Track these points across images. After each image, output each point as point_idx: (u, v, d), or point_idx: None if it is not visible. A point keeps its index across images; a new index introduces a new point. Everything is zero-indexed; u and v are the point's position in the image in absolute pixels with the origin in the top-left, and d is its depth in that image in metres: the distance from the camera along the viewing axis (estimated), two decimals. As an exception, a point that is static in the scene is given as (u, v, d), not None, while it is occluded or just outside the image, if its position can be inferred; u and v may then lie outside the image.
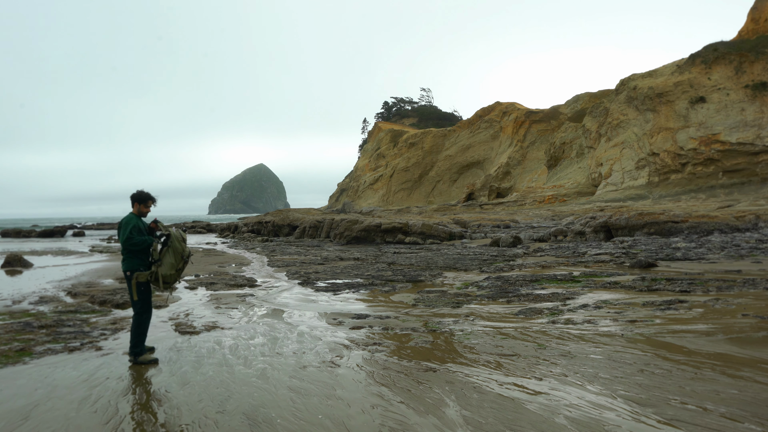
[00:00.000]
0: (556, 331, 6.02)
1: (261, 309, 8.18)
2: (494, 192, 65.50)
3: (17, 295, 9.66)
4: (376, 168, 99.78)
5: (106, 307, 8.56)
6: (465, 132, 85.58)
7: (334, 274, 12.54)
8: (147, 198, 5.62)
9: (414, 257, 15.70)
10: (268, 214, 41.12)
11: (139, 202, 5.59)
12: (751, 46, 39.52)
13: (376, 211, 56.89)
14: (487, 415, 3.68)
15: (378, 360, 5.13)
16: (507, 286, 9.52)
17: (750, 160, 35.37)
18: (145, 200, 5.61)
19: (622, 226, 18.86)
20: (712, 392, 3.91)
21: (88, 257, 19.78)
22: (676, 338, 5.41)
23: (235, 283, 11.20)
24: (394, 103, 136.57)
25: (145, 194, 5.62)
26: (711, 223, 18.22)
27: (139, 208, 5.58)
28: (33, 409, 4.04)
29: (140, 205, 5.59)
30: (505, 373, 4.60)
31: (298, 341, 5.99)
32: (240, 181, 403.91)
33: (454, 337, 5.90)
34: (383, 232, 23.71)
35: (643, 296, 7.88)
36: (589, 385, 4.19)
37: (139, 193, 5.60)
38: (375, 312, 7.65)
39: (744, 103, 37.08)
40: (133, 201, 5.60)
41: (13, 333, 6.47)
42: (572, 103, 70.93)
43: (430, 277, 11.26)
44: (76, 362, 5.31)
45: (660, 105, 40.72)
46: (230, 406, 3.99)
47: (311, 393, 4.22)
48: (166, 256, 5.40)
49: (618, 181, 42.89)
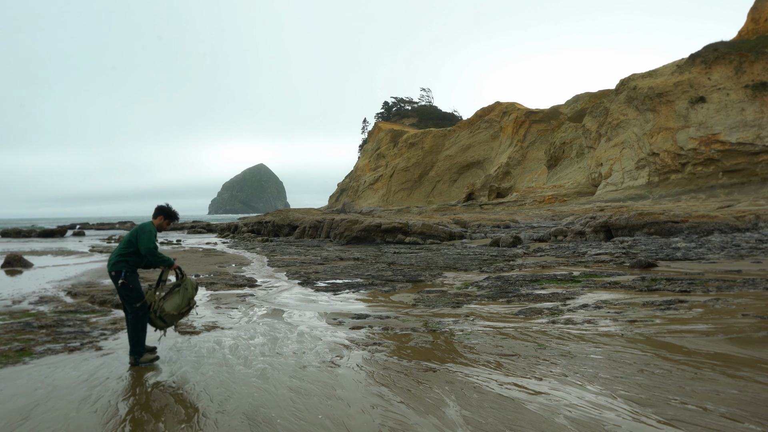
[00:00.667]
0: (556, 331, 6.02)
1: (261, 309, 8.18)
2: (494, 192, 65.50)
3: (17, 295, 9.66)
4: (376, 168, 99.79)
5: (106, 307, 8.55)
6: (465, 132, 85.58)
7: (334, 274, 12.54)
8: (175, 216, 5.55)
9: (414, 257, 15.70)
10: (268, 214, 41.12)
11: (166, 216, 5.49)
12: (751, 46, 39.52)
13: (376, 211, 56.88)
14: (487, 415, 3.68)
15: (378, 360, 5.13)
16: (507, 286, 9.52)
17: (750, 160, 35.37)
18: (172, 217, 5.53)
19: (622, 226, 18.86)
20: (712, 392, 3.91)
21: (88, 257, 19.78)
22: (676, 338, 5.41)
23: (235, 283, 11.20)
24: (394, 103, 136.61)
25: (174, 211, 5.53)
26: (711, 223, 18.23)
27: (162, 222, 5.47)
28: (33, 409, 4.04)
29: (165, 220, 5.48)
30: (505, 373, 4.60)
31: (298, 341, 5.99)
32: (240, 181, 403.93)
33: (454, 337, 5.90)
34: (383, 232, 23.71)
35: (643, 296, 7.88)
36: (589, 385, 4.19)
37: (168, 208, 5.50)
38: (375, 312, 7.65)
39: (744, 103, 37.08)
40: (160, 213, 5.49)
41: (13, 333, 6.47)
42: (572, 103, 70.93)
43: (430, 277, 11.26)
44: (76, 362, 5.30)
45: (660, 105, 40.72)
46: (230, 406, 3.99)
47: (311, 393, 4.22)
48: (175, 295, 5.28)
49: (618, 181, 42.90)
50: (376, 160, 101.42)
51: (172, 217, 5.53)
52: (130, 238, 5.31)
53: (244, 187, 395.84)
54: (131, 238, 5.30)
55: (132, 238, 5.29)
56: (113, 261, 5.25)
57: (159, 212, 5.49)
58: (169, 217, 5.52)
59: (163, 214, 5.48)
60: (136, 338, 5.19)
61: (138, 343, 5.19)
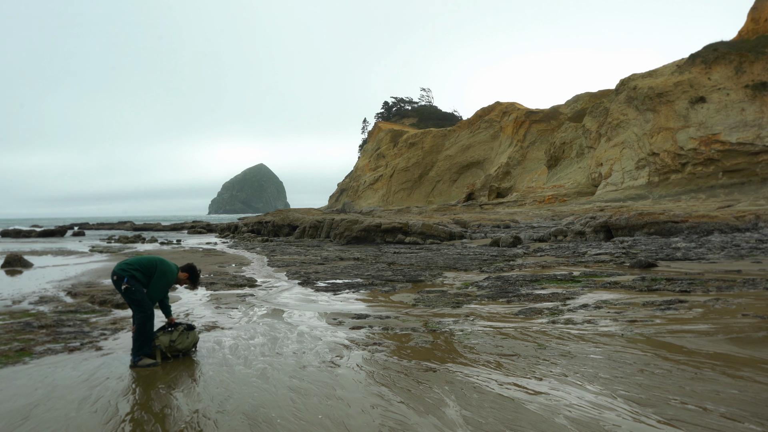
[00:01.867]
0: (556, 331, 6.02)
1: (261, 309, 8.18)
2: (494, 192, 65.51)
3: (17, 295, 9.66)
4: (376, 168, 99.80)
5: (106, 307, 8.55)
6: (465, 132, 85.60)
7: (334, 274, 12.54)
8: (198, 280, 5.76)
9: (414, 257, 15.70)
10: (268, 214, 41.12)
11: (191, 278, 5.67)
12: (751, 46, 39.53)
13: (376, 211, 56.89)
14: (487, 415, 3.68)
15: (378, 360, 5.13)
16: (507, 286, 9.52)
17: (750, 160, 35.38)
18: (195, 281, 5.72)
19: (622, 226, 18.86)
20: (712, 392, 3.90)
21: (88, 257, 19.78)
22: (676, 338, 5.41)
23: (235, 283, 11.20)
24: (394, 103, 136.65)
25: (199, 275, 5.75)
26: (711, 223, 18.23)
27: (185, 279, 5.65)
28: (33, 409, 4.04)
29: (187, 279, 5.66)
30: (505, 373, 4.60)
31: (298, 341, 5.99)
32: (240, 181, 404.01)
33: (454, 337, 5.90)
34: (383, 232, 23.71)
35: (643, 296, 7.88)
36: (589, 385, 4.19)
37: (197, 272, 5.70)
38: (375, 312, 7.65)
39: (744, 103, 37.09)
40: (190, 272, 5.65)
41: (13, 333, 6.47)
42: (572, 103, 70.96)
43: (430, 277, 11.26)
44: (76, 362, 5.30)
45: (660, 105, 40.73)
46: (230, 406, 3.99)
47: (311, 393, 4.22)
48: (181, 336, 5.37)
49: (618, 181, 42.90)
50: (376, 160, 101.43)
51: (195, 278, 5.70)
52: (149, 267, 5.33)
53: (244, 187, 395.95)
54: (149, 267, 5.33)
55: (150, 269, 5.32)
56: (121, 267, 5.28)
57: (190, 271, 5.67)
58: (193, 278, 5.69)
59: (189, 274, 5.66)
60: (139, 342, 5.16)
61: (140, 346, 5.16)
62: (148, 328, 5.21)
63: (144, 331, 5.17)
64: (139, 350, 5.16)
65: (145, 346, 5.18)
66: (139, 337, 5.15)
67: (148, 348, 5.20)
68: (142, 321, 5.17)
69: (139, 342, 5.16)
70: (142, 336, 5.16)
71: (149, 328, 5.23)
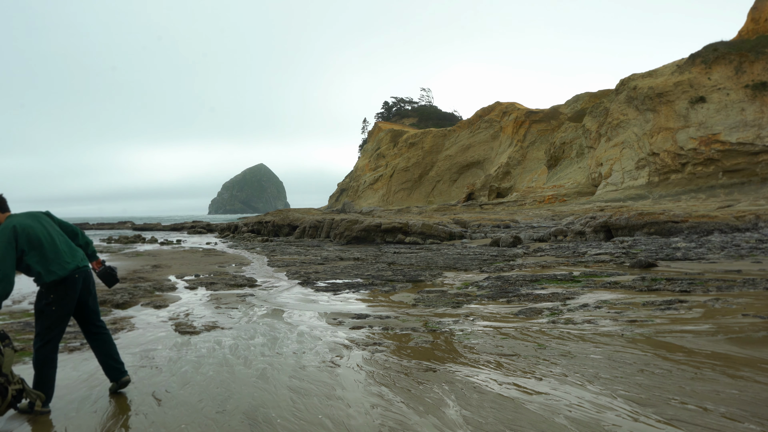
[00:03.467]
0: (556, 331, 6.02)
1: (261, 309, 8.18)
2: (494, 192, 65.50)
3: (17, 295, 9.65)
4: (376, 168, 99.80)
5: (106, 306, 8.55)
6: (465, 132, 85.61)
7: (334, 274, 12.54)
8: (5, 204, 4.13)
9: (414, 257, 15.70)
10: (268, 214, 41.12)
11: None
12: (751, 46, 39.52)
13: (376, 211, 56.87)
14: (487, 415, 3.68)
15: (378, 360, 5.13)
16: (507, 286, 9.52)
17: (750, 160, 35.38)
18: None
19: (622, 226, 18.86)
20: (712, 392, 3.91)
21: (88, 257, 19.76)
22: (676, 338, 5.41)
23: (235, 282, 11.20)
24: (394, 103, 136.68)
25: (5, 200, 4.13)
26: (711, 223, 18.23)
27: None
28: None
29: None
30: (505, 373, 4.60)
31: (298, 341, 5.99)
32: (240, 181, 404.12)
33: (454, 337, 5.90)
34: (383, 232, 23.71)
35: (643, 296, 7.88)
36: (589, 385, 4.19)
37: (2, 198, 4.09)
38: (375, 312, 7.65)
39: (744, 103, 37.09)
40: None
41: (13, 333, 6.46)
42: (572, 103, 70.96)
43: (430, 277, 11.26)
44: (76, 362, 5.30)
45: (660, 105, 40.72)
46: (230, 405, 3.99)
47: (311, 393, 4.22)
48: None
49: (618, 181, 42.91)
50: (376, 160, 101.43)
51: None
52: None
53: (244, 187, 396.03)
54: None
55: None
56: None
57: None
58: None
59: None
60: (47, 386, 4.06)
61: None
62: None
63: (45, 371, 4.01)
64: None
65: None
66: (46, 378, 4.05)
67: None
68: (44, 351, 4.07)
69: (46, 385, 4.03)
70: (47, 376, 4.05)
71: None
